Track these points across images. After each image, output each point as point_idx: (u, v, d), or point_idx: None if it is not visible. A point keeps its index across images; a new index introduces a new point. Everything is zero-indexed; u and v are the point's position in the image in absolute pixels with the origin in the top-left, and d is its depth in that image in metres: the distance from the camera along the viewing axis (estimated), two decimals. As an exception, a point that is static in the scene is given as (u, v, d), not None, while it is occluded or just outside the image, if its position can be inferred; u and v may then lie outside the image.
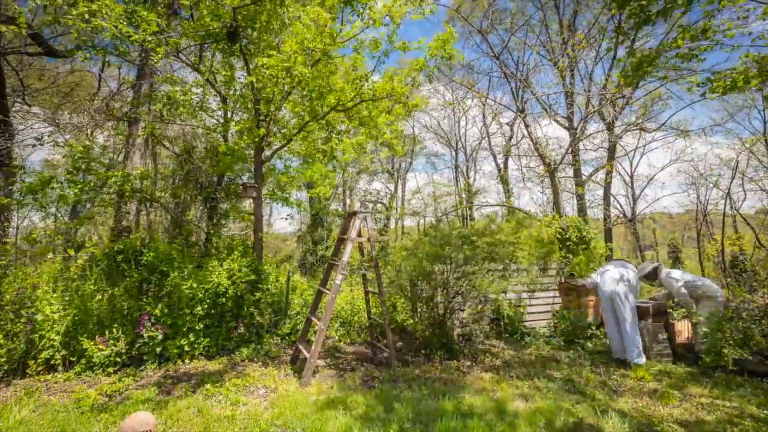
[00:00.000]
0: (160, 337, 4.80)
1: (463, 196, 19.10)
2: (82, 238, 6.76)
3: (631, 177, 19.26)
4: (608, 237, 14.52)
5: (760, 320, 6.49)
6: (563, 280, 7.74)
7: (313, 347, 4.47)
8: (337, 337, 6.40)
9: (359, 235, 5.05)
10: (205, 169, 6.90)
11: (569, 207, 16.34)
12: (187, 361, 5.07)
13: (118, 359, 4.67)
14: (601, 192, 16.08)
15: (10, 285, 4.63)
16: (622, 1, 4.17)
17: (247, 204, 8.11)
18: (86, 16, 4.27)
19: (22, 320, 4.48)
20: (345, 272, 4.70)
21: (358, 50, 5.42)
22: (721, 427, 3.49)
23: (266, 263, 6.76)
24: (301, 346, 4.87)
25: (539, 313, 7.77)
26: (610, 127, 13.84)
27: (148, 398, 3.85)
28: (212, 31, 5.08)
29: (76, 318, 4.74)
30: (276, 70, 4.29)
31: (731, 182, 14.75)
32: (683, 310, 7.47)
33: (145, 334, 4.75)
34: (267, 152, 6.26)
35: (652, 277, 5.94)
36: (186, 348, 5.06)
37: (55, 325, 4.58)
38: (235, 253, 6.06)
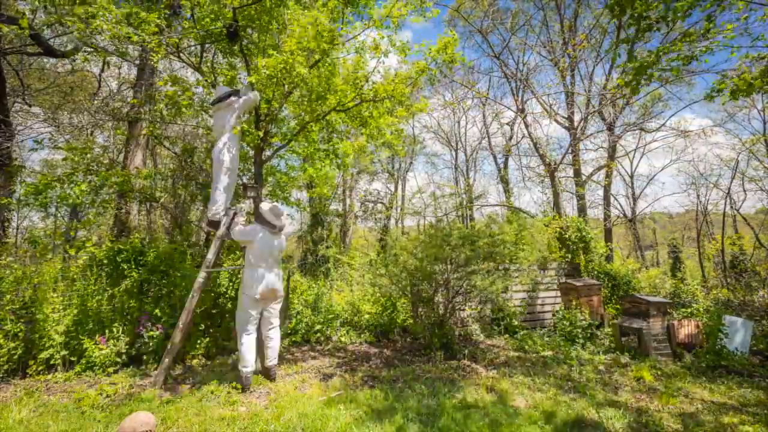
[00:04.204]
0: (160, 337, 4.80)
1: (464, 196, 19.11)
2: (82, 239, 6.76)
3: (631, 177, 19.28)
4: (608, 237, 14.53)
5: (760, 320, 6.51)
6: (563, 280, 7.75)
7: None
8: (337, 337, 6.41)
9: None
10: (206, 169, 6.89)
11: (569, 207, 16.36)
12: (187, 361, 5.07)
13: (119, 359, 4.66)
14: (601, 192, 16.10)
15: (10, 285, 4.63)
16: (620, 10, 4.19)
17: (247, 204, 8.10)
18: (84, 17, 4.28)
19: (22, 320, 4.48)
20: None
21: (359, 51, 5.42)
22: (721, 427, 3.49)
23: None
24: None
25: (539, 312, 7.78)
26: (610, 127, 13.85)
27: (148, 398, 3.85)
28: (213, 31, 5.08)
29: (76, 318, 4.74)
30: (275, 70, 4.29)
31: (731, 182, 14.77)
32: (684, 309, 7.48)
33: (145, 334, 4.75)
34: (267, 152, 6.26)
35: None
36: (186, 348, 5.06)
37: (55, 325, 4.58)
38: (237, 252, 6.07)
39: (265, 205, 4.52)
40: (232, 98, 4.83)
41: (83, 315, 4.80)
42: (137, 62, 8.07)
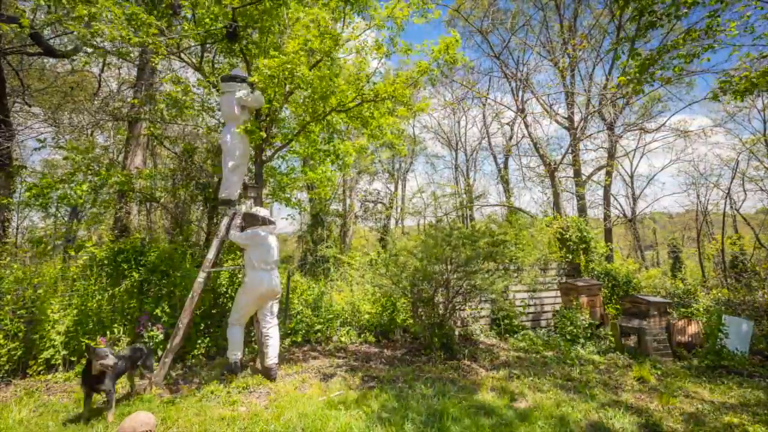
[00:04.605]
0: (160, 337, 4.80)
1: (464, 196, 19.12)
2: (82, 239, 6.76)
3: (631, 177, 19.30)
4: (608, 237, 14.53)
5: (760, 320, 6.51)
6: (563, 280, 7.75)
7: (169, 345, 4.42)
8: (337, 337, 6.40)
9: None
10: (206, 169, 6.89)
11: (569, 207, 16.36)
12: (187, 361, 5.07)
13: (119, 359, 4.66)
14: (601, 192, 16.10)
15: (11, 285, 4.63)
16: (624, 3, 4.18)
17: (248, 204, 8.09)
18: (86, 20, 4.29)
19: (22, 320, 4.48)
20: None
21: (360, 52, 5.41)
22: (722, 426, 3.49)
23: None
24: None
25: (540, 312, 7.78)
26: (610, 127, 13.85)
27: (148, 398, 3.84)
28: (212, 32, 5.08)
29: (76, 318, 4.74)
30: (278, 70, 4.28)
31: (731, 182, 14.76)
32: (684, 309, 7.48)
33: (145, 334, 4.75)
34: (268, 152, 6.26)
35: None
36: (186, 348, 5.06)
37: (55, 325, 4.58)
38: (237, 253, 6.06)
39: (252, 209, 4.76)
40: (241, 85, 4.86)
41: (83, 315, 4.80)
42: (137, 62, 8.07)
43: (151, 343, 4.76)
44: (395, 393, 4.07)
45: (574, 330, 6.44)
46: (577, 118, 12.90)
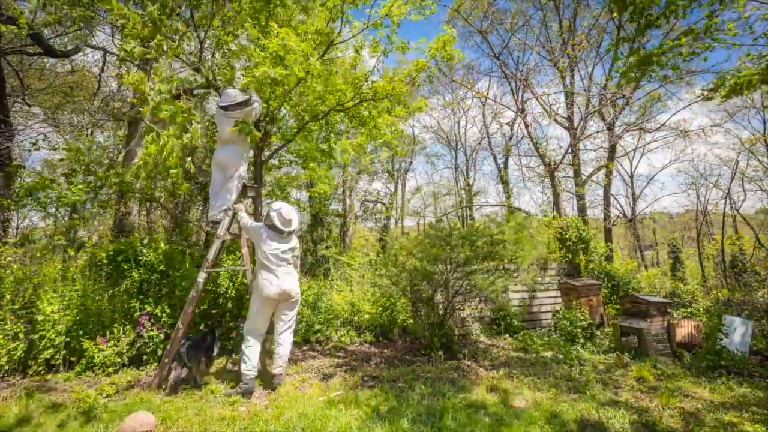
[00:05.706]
0: (160, 337, 4.80)
1: (463, 196, 19.12)
2: (82, 239, 6.76)
3: (631, 177, 19.29)
4: (608, 237, 14.53)
5: (760, 320, 6.52)
6: (563, 280, 7.75)
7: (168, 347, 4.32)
8: (337, 337, 6.40)
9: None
10: (206, 170, 6.89)
11: (569, 207, 16.35)
12: (187, 361, 5.07)
13: (119, 359, 4.66)
14: (601, 192, 16.11)
15: (11, 285, 4.63)
16: (621, 5, 4.18)
17: (247, 204, 8.08)
18: (83, 24, 4.27)
19: (22, 320, 4.48)
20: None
21: (358, 51, 5.41)
22: (721, 426, 3.49)
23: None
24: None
25: (539, 312, 7.79)
26: (610, 127, 13.84)
27: (148, 398, 3.85)
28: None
29: (76, 318, 4.74)
30: (270, 74, 4.25)
31: (731, 182, 14.77)
32: (684, 309, 7.49)
33: (145, 334, 4.75)
34: (267, 152, 6.25)
35: None
36: (186, 348, 5.06)
37: (55, 325, 4.58)
38: (237, 253, 6.06)
39: (273, 211, 4.29)
40: (249, 107, 4.64)
41: (83, 315, 4.80)
42: (137, 62, 8.07)
43: (150, 344, 4.76)
44: (395, 393, 4.07)
45: (574, 330, 6.44)
46: (577, 118, 12.90)
